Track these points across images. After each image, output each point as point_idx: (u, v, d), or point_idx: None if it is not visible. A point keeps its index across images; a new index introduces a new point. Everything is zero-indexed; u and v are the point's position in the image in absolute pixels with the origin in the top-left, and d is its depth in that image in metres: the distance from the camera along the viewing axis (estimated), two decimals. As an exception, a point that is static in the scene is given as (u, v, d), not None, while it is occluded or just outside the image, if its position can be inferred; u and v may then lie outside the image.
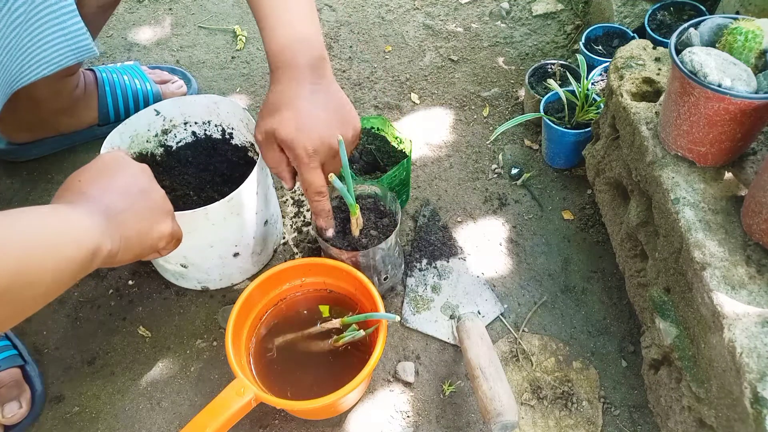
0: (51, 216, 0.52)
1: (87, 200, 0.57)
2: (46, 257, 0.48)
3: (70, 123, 1.06)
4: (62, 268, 0.50)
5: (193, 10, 1.37)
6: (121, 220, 0.58)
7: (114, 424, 0.82)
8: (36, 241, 0.48)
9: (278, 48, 0.70)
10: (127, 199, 0.60)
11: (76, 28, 0.70)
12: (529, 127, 1.13)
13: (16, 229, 0.47)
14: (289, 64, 0.70)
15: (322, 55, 0.71)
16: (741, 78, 0.60)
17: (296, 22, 0.71)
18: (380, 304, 0.75)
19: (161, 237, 0.64)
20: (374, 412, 0.82)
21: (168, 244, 0.66)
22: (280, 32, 0.70)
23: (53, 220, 0.51)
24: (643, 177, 0.74)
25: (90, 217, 0.54)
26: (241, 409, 0.68)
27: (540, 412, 0.81)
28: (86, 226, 0.53)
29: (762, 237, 0.60)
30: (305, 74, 0.70)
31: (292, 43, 0.70)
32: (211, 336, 0.89)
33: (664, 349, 0.71)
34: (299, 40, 0.70)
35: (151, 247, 0.63)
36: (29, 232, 0.48)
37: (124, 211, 0.59)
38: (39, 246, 0.48)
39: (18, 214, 0.48)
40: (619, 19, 1.13)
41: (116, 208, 0.58)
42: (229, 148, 0.96)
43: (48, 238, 0.49)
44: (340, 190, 0.71)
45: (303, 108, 0.69)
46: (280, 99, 0.70)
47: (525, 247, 0.98)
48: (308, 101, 0.69)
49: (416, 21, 1.33)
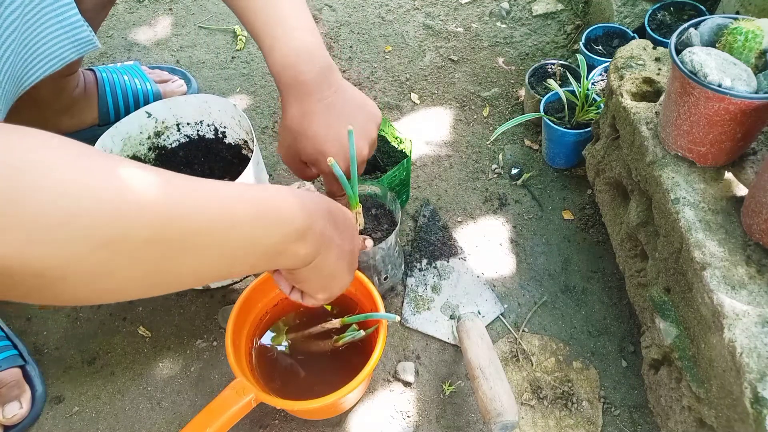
0: (266, 190, 0.48)
1: (306, 208, 0.53)
2: (247, 216, 0.44)
3: (71, 123, 1.06)
4: (256, 234, 0.46)
5: (193, 10, 1.37)
6: (327, 242, 0.54)
7: (114, 424, 0.82)
8: (244, 202, 0.45)
9: (281, 68, 0.68)
10: (341, 234, 0.57)
11: (75, 20, 0.70)
12: (529, 127, 1.13)
13: (225, 184, 0.45)
14: (296, 82, 0.67)
15: (327, 64, 0.69)
16: (741, 78, 0.60)
17: (294, 35, 0.68)
18: (380, 304, 0.75)
19: (344, 286, 0.61)
20: (374, 412, 0.82)
21: (333, 295, 0.63)
22: (279, 49, 0.68)
23: (271, 193, 0.48)
24: (643, 177, 0.74)
25: (301, 209, 0.50)
26: (241, 409, 0.68)
27: (540, 412, 0.81)
28: (296, 212, 0.49)
29: (762, 237, 0.60)
30: (314, 90, 0.68)
31: (294, 59, 0.67)
32: (211, 336, 0.89)
33: (664, 349, 0.71)
34: (301, 53, 0.67)
35: (329, 289, 0.60)
36: (236, 187, 0.45)
37: (332, 239, 0.55)
38: (246, 204, 0.45)
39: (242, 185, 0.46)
40: (619, 19, 1.13)
41: (328, 233, 0.55)
42: (223, 147, 0.96)
43: (257, 203, 0.46)
44: (340, 179, 0.69)
45: (320, 127, 0.67)
46: (296, 122, 0.68)
47: (525, 247, 0.98)
48: (324, 118, 0.68)
49: (416, 21, 1.33)
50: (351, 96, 0.71)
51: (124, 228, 0.36)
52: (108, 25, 1.34)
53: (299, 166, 0.73)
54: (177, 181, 0.40)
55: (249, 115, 1.16)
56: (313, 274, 0.56)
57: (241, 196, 0.45)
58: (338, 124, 0.68)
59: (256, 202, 0.46)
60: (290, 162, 0.73)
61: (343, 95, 0.70)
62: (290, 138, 0.70)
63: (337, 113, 0.69)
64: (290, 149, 0.71)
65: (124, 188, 0.36)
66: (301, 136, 0.68)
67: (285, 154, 0.73)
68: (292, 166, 0.74)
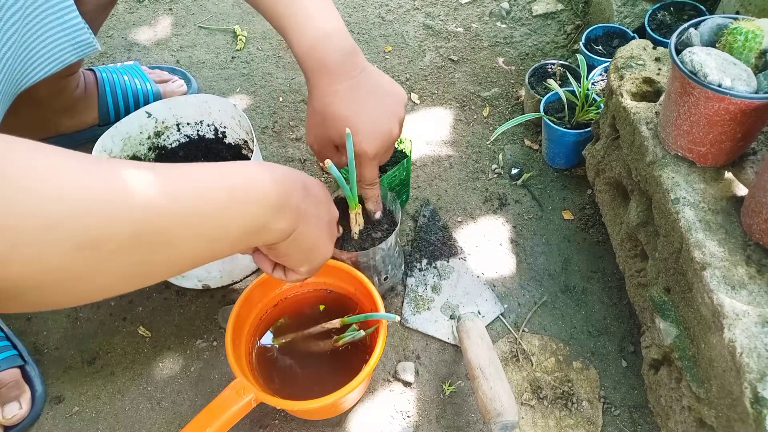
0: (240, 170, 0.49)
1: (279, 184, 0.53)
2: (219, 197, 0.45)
3: (71, 123, 1.06)
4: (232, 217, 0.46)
5: (193, 10, 1.37)
6: (304, 214, 0.54)
7: (114, 424, 0.82)
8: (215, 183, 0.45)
9: (305, 50, 0.67)
10: (317, 205, 0.57)
11: (76, 22, 0.70)
12: (529, 127, 1.13)
13: (196, 167, 0.45)
14: (322, 65, 0.67)
15: (351, 45, 0.68)
16: (741, 78, 0.60)
17: (317, 19, 0.68)
18: (380, 304, 0.75)
19: (325, 256, 0.61)
20: (374, 412, 0.82)
21: (316, 268, 0.63)
22: (302, 33, 0.67)
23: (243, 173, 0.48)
24: (643, 177, 0.74)
25: (274, 183, 0.50)
26: (241, 409, 0.68)
27: (540, 412, 0.81)
28: (269, 188, 0.49)
29: (762, 237, 0.60)
30: (340, 72, 0.67)
31: (318, 42, 0.67)
32: (211, 336, 0.89)
33: (664, 349, 0.71)
34: (324, 36, 0.67)
35: (311, 261, 0.60)
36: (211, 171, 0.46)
37: (309, 210, 0.55)
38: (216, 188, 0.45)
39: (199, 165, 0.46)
40: (619, 19, 1.13)
41: (304, 205, 0.55)
42: (222, 147, 0.96)
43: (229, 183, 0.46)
44: (338, 180, 0.69)
45: (351, 108, 0.67)
46: (325, 105, 0.68)
47: (525, 247, 0.98)
48: (353, 99, 0.67)
49: (416, 21, 1.33)
50: (377, 77, 0.70)
51: (100, 230, 0.36)
52: (108, 25, 1.34)
53: (329, 152, 0.71)
54: (150, 176, 0.40)
55: (249, 115, 1.16)
56: (294, 248, 0.56)
57: (215, 182, 0.45)
58: (367, 104, 0.68)
59: (230, 186, 0.46)
60: (322, 148, 0.71)
61: (369, 76, 0.69)
62: (319, 122, 0.69)
63: (365, 93, 0.68)
64: (320, 134, 0.69)
65: (98, 190, 0.36)
66: (329, 118, 0.67)
67: (315, 140, 0.71)
68: (323, 153, 0.72)
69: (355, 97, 0.67)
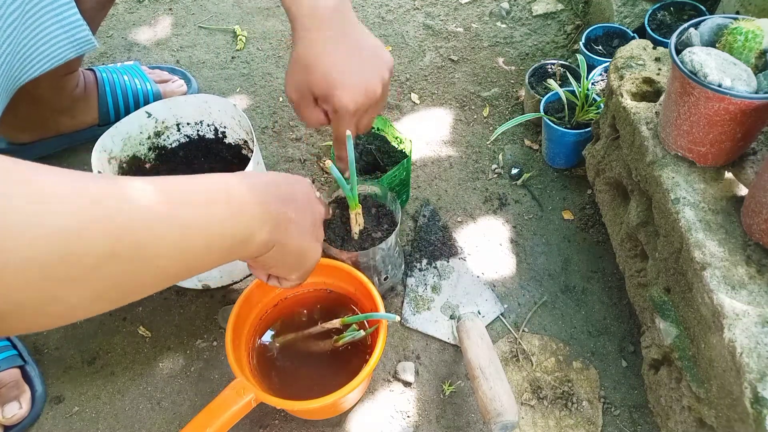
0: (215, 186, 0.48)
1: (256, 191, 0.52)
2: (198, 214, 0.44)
3: (71, 123, 1.06)
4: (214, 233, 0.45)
5: (193, 10, 1.37)
6: (284, 222, 0.53)
7: (114, 424, 0.82)
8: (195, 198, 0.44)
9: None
10: (296, 208, 0.56)
11: (74, 19, 0.70)
12: (529, 127, 1.13)
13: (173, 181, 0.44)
14: (311, 13, 0.65)
15: (343, 0, 0.67)
16: (741, 78, 0.60)
17: None
18: (380, 304, 0.75)
19: (315, 260, 0.61)
20: (374, 412, 0.82)
21: (307, 272, 0.63)
22: None
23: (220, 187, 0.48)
24: (643, 177, 0.74)
25: (252, 195, 0.49)
26: (241, 409, 0.68)
27: (540, 412, 0.81)
28: (246, 202, 0.49)
29: (762, 237, 0.60)
30: (329, 21, 0.65)
31: None
32: (211, 336, 0.89)
33: (664, 349, 0.71)
34: None
35: (301, 267, 0.60)
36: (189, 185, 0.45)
37: (288, 217, 0.54)
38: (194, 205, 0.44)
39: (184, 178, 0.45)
40: (619, 19, 1.13)
41: (282, 212, 0.53)
42: (222, 147, 0.96)
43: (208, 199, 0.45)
44: (338, 180, 0.68)
45: (336, 59, 0.65)
46: (309, 52, 0.66)
47: (525, 247, 0.98)
48: (339, 51, 0.66)
49: (416, 21, 1.33)
50: (368, 36, 0.69)
51: (73, 252, 0.35)
52: (108, 25, 1.34)
53: (308, 104, 0.70)
54: (126, 193, 0.40)
55: (249, 115, 1.16)
56: (279, 257, 0.55)
57: (190, 198, 0.44)
58: (352, 58, 0.66)
59: (205, 202, 0.45)
60: (300, 99, 0.69)
61: (359, 34, 0.68)
62: (301, 70, 0.67)
63: (352, 48, 0.67)
64: (301, 84, 0.68)
65: (67, 212, 0.35)
66: (313, 68, 0.66)
67: (294, 90, 0.69)
68: (300, 104, 0.70)
69: (341, 50, 0.66)
